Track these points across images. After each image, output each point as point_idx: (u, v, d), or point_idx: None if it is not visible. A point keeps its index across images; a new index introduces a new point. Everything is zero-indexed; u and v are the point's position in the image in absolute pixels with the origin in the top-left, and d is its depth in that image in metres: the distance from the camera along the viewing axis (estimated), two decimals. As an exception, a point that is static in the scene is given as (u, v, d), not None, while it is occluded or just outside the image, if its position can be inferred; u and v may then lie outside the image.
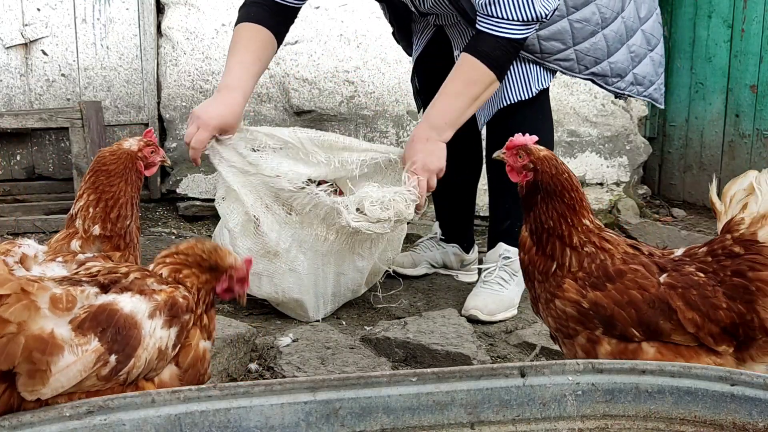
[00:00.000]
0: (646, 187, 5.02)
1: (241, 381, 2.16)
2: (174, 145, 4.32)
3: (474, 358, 2.44)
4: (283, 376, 2.29)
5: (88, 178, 2.03)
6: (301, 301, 2.81)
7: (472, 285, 3.18)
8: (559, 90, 4.45)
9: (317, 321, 2.83)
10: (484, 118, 2.90)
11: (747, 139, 4.65)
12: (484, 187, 3.42)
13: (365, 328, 2.82)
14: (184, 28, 4.28)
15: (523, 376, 1.61)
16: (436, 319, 2.69)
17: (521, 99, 2.83)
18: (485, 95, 2.67)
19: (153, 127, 4.37)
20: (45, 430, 1.41)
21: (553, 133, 3.22)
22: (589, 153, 4.56)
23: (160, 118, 4.38)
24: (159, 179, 4.41)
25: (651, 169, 5.08)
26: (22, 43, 4.21)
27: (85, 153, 3.86)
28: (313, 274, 2.78)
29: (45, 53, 4.25)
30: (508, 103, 2.82)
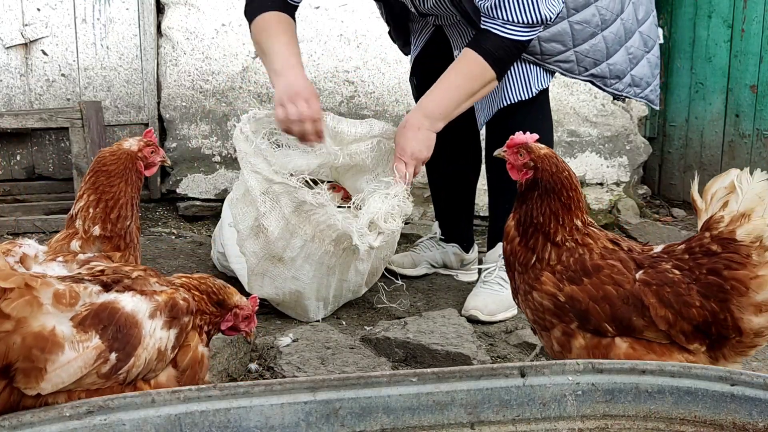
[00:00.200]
0: (646, 187, 5.02)
1: (241, 381, 2.16)
2: (174, 145, 4.32)
3: (474, 358, 2.44)
4: (283, 376, 2.29)
5: (88, 178, 2.03)
6: (302, 302, 2.82)
7: (472, 285, 3.18)
8: (559, 90, 4.45)
9: (317, 321, 2.83)
10: (483, 118, 2.90)
11: (747, 139, 4.65)
12: (484, 187, 3.42)
13: (365, 328, 2.82)
14: (184, 28, 4.28)
15: (523, 376, 1.61)
16: (436, 319, 2.69)
17: (521, 99, 2.83)
18: (483, 92, 2.67)
19: (153, 127, 4.37)
20: (45, 430, 1.41)
21: (553, 133, 3.22)
22: (589, 153, 4.56)
23: (160, 118, 4.38)
24: (159, 179, 4.41)
25: (651, 169, 5.08)
26: (22, 43, 4.21)
27: (85, 153, 3.86)
28: (317, 282, 2.78)
29: (45, 53, 4.25)
30: (508, 103, 2.82)
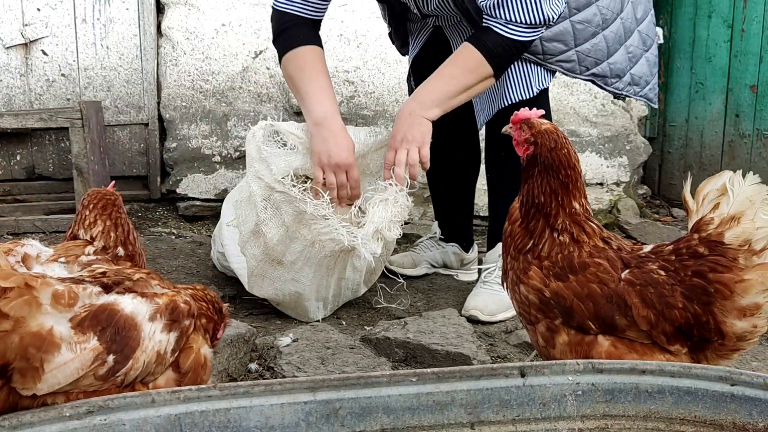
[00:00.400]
0: (646, 187, 5.02)
1: (241, 381, 2.16)
2: (174, 145, 4.32)
3: (474, 358, 2.44)
4: (283, 376, 2.29)
5: (97, 205, 2.06)
6: (301, 303, 2.82)
7: (472, 284, 3.18)
8: (559, 90, 4.45)
9: (317, 321, 2.83)
10: (484, 118, 2.90)
11: (747, 139, 4.65)
12: (484, 187, 3.42)
13: (365, 328, 2.82)
14: (184, 28, 4.28)
15: (523, 376, 1.61)
16: (436, 319, 2.69)
17: (521, 99, 2.83)
18: (478, 87, 2.66)
19: (153, 126, 4.37)
20: (45, 430, 1.41)
21: (553, 133, 3.22)
22: (589, 153, 4.56)
23: (160, 118, 4.38)
24: (159, 179, 4.41)
25: (651, 169, 5.08)
26: (22, 43, 4.21)
27: (85, 153, 3.86)
28: (317, 283, 2.78)
29: (45, 53, 4.25)
30: (508, 102, 2.82)
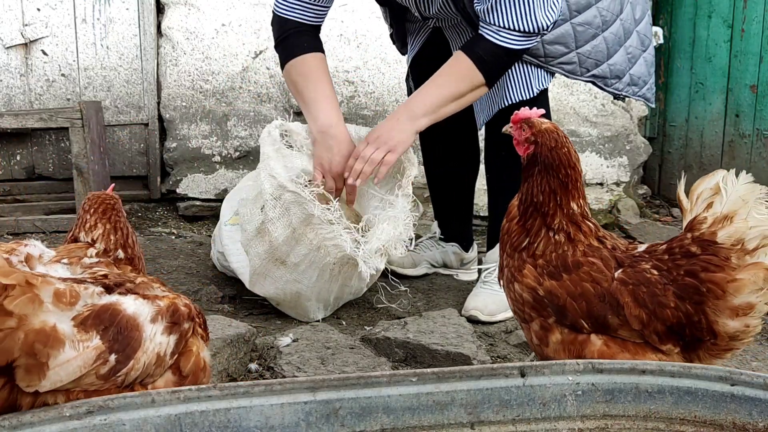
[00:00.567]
0: (646, 187, 5.02)
1: (241, 381, 2.16)
2: (174, 145, 4.32)
3: (474, 358, 2.44)
4: (283, 376, 2.29)
5: (97, 210, 2.06)
6: (302, 303, 2.82)
7: (472, 284, 3.18)
8: (559, 90, 4.45)
9: (317, 321, 2.83)
10: (483, 118, 2.91)
11: (747, 139, 4.65)
12: (484, 187, 3.42)
13: (365, 328, 2.82)
14: (184, 28, 4.28)
15: (523, 376, 1.61)
16: (436, 319, 2.69)
17: (521, 99, 2.83)
18: (470, 96, 2.68)
19: (153, 126, 4.37)
20: (45, 430, 1.41)
21: (553, 133, 3.22)
22: (589, 153, 4.56)
23: (160, 118, 4.38)
24: (159, 179, 4.41)
25: (651, 169, 5.08)
26: (22, 43, 4.21)
27: (85, 153, 3.86)
28: (319, 287, 2.78)
29: (45, 53, 4.25)
30: (508, 103, 2.82)
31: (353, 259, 2.60)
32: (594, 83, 3.00)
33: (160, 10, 4.32)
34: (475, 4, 2.60)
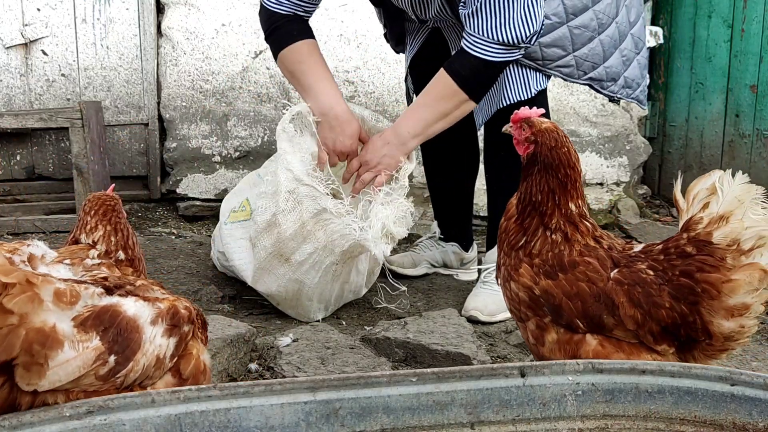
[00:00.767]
0: (646, 187, 5.02)
1: (241, 381, 2.16)
2: (174, 145, 4.32)
3: (474, 358, 2.44)
4: (283, 376, 2.29)
5: (98, 212, 2.06)
6: (303, 303, 2.82)
7: (472, 284, 3.18)
8: (559, 90, 4.45)
9: (317, 321, 2.83)
10: (482, 118, 2.91)
11: (747, 139, 4.65)
12: (483, 187, 3.42)
13: (365, 328, 2.82)
14: (184, 28, 4.28)
15: (523, 376, 1.61)
16: (436, 319, 2.69)
17: (520, 99, 2.83)
18: (457, 113, 2.70)
19: (153, 126, 4.37)
20: (45, 430, 1.41)
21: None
22: (589, 153, 4.56)
23: (160, 118, 4.38)
24: (159, 179, 4.41)
25: (651, 169, 5.08)
26: (22, 43, 4.21)
27: (85, 153, 3.86)
28: (321, 288, 2.79)
29: (45, 53, 4.25)
30: (507, 103, 2.82)
31: (356, 250, 2.63)
32: (591, 86, 3.01)
33: (160, 10, 4.32)
34: (460, 9, 2.61)
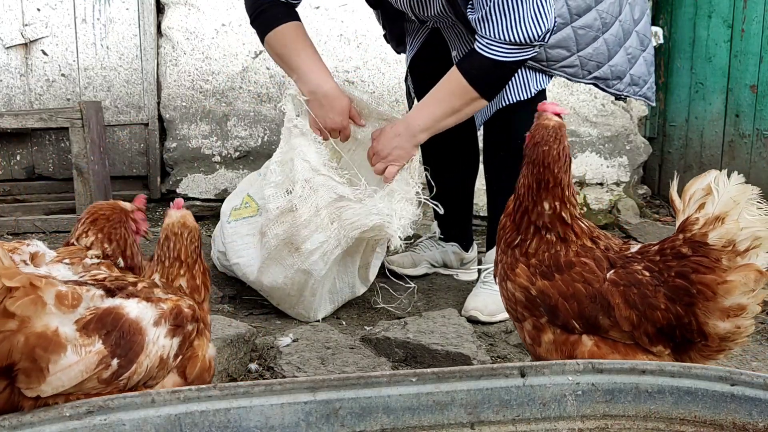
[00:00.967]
0: (646, 187, 5.02)
1: (241, 381, 2.16)
2: (174, 145, 4.32)
3: (474, 358, 2.44)
4: (283, 376, 2.29)
5: (87, 219, 2.04)
6: (306, 298, 2.81)
7: (472, 284, 3.18)
8: (559, 90, 4.45)
9: (317, 321, 2.83)
10: (481, 118, 2.91)
11: (747, 139, 4.65)
12: (483, 187, 3.42)
13: (365, 328, 2.82)
14: (184, 28, 4.28)
15: (523, 376, 1.61)
16: (436, 319, 2.69)
17: (519, 99, 2.83)
18: (468, 109, 2.70)
19: (153, 126, 4.37)
20: (45, 430, 1.41)
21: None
22: (589, 153, 4.56)
23: (160, 118, 4.38)
24: (159, 179, 4.41)
25: (651, 169, 5.08)
26: (22, 43, 4.21)
27: (85, 153, 3.86)
28: (326, 281, 2.80)
29: (45, 53, 4.25)
30: (506, 103, 2.82)
31: (374, 234, 2.69)
32: (596, 85, 3.01)
33: (160, 10, 4.32)
34: (469, 14, 2.60)
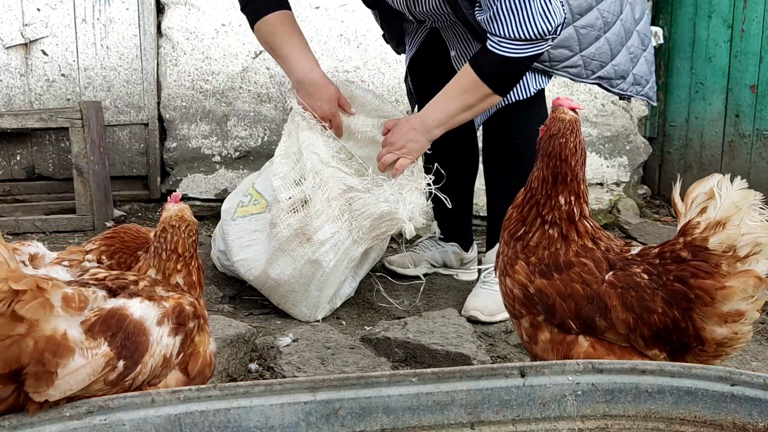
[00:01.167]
0: (646, 187, 5.02)
1: (241, 381, 2.16)
2: (174, 145, 4.32)
3: (474, 358, 2.44)
4: (283, 376, 2.29)
5: (106, 235, 2.02)
6: (311, 293, 2.80)
7: (472, 284, 3.18)
8: (559, 90, 4.45)
9: (317, 321, 2.83)
10: (481, 118, 2.91)
11: (747, 139, 4.65)
12: (483, 187, 3.42)
13: (365, 328, 2.82)
14: (184, 28, 4.28)
15: (523, 376, 1.61)
16: (436, 319, 2.69)
17: (518, 99, 2.83)
18: (481, 105, 2.70)
19: (153, 126, 4.37)
20: (45, 430, 1.41)
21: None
22: (588, 153, 4.56)
23: (160, 118, 4.38)
24: (159, 179, 4.41)
25: (651, 169, 5.08)
26: (22, 43, 4.21)
27: (85, 153, 3.86)
28: (333, 275, 2.81)
29: (45, 53, 4.25)
30: (505, 103, 2.82)
31: (385, 222, 2.73)
32: (600, 85, 3.01)
33: (160, 10, 4.32)
34: (477, 14, 2.60)
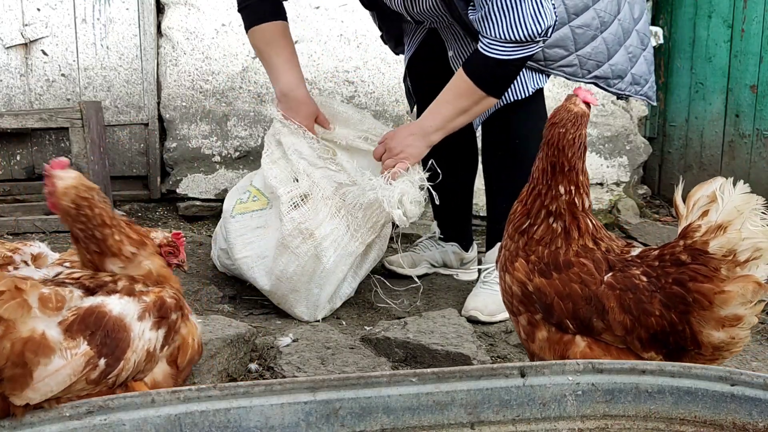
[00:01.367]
0: (646, 187, 5.02)
1: (241, 381, 2.16)
2: (174, 145, 4.32)
3: (474, 358, 2.44)
4: (283, 376, 2.29)
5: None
6: (311, 291, 2.80)
7: (472, 284, 3.18)
8: (559, 90, 4.45)
9: (317, 321, 2.83)
10: (480, 118, 2.91)
11: (747, 139, 4.65)
12: (483, 187, 3.42)
13: (365, 328, 2.82)
14: (184, 28, 4.28)
15: (523, 376, 1.61)
16: (436, 319, 2.69)
17: (517, 99, 2.83)
18: (477, 108, 2.71)
19: (153, 126, 4.37)
20: (45, 430, 1.41)
21: (551, 133, 3.23)
22: (588, 153, 4.53)
23: (160, 118, 4.38)
24: (159, 179, 4.41)
25: (651, 169, 5.08)
26: (22, 43, 4.21)
27: (85, 153, 3.86)
28: (332, 272, 2.81)
29: (45, 53, 4.24)
30: (504, 103, 2.83)
31: (375, 211, 2.75)
32: (596, 84, 3.01)
33: (160, 10, 4.32)
34: (470, 14, 2.60)
